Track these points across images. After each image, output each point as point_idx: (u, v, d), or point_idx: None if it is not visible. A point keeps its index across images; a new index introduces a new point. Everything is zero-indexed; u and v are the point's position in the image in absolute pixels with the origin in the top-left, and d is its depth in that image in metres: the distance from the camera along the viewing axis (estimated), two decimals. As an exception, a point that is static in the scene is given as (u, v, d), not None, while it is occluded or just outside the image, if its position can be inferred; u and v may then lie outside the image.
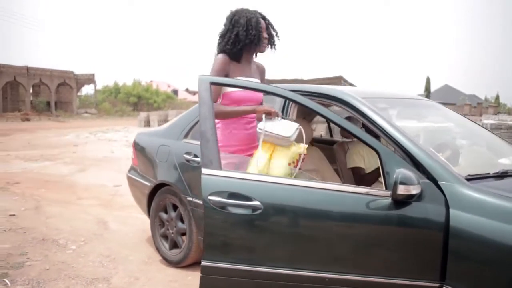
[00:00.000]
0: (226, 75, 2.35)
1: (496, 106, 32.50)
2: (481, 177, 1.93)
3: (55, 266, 3.18)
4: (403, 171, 1.74)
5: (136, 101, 40.07)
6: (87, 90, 41.63)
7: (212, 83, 2.04)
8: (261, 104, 2.45)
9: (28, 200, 5.26)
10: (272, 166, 2.08)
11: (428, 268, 1.79)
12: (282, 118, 2.18)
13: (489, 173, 1.99)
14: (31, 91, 32.18)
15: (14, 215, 4.47)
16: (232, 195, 1.85)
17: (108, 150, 10.85)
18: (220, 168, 1.87)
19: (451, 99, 41.77)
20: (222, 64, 2.33)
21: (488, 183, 1.90)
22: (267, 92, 2.22)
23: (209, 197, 1.84)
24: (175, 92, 53.15)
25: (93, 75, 35.16)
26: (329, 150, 3.41)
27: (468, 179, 1.85)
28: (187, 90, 59.80)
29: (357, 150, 3.08)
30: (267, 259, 1.86)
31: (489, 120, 10.04)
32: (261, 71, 2.57)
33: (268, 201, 1.83)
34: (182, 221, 3.13)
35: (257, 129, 2.15)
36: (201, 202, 2.73)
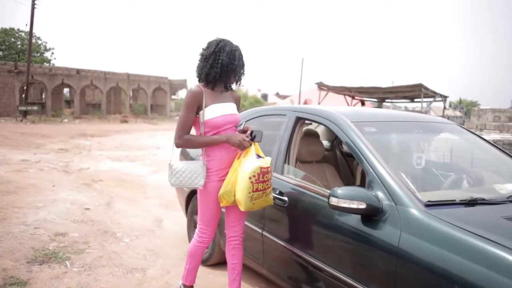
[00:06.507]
0: (200, 103, 2.51)
1: None
2: (443, 204, 2.03)
3: (107, 255, 3.78)
4: (343, 188, 2.10)
5: (224, 105, 41.65)
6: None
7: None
8: (238, 125, 2.70)
9: (104, 196, 6.09)
10: (237, 180, 2.43)
11: (383, 280, 1.97)
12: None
13: (454, 200, 2.09)
14: (130, 95, 35.42)
15: (88, 208, 5.27)
16: None
17: (185, 153, 11.73)
18: None
19: None
20: (196, 94, 2.51)
21: (449, 210, 1.99)
22: None
23: None
24: (265, 96, 52.99)
25: (185, 80, 37.53)
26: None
27: (427, 205, 1.98)
28: (277, 94, 59.32)
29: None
30: None
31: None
32: (236, 99, 2.69)
33: None
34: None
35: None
36: None
